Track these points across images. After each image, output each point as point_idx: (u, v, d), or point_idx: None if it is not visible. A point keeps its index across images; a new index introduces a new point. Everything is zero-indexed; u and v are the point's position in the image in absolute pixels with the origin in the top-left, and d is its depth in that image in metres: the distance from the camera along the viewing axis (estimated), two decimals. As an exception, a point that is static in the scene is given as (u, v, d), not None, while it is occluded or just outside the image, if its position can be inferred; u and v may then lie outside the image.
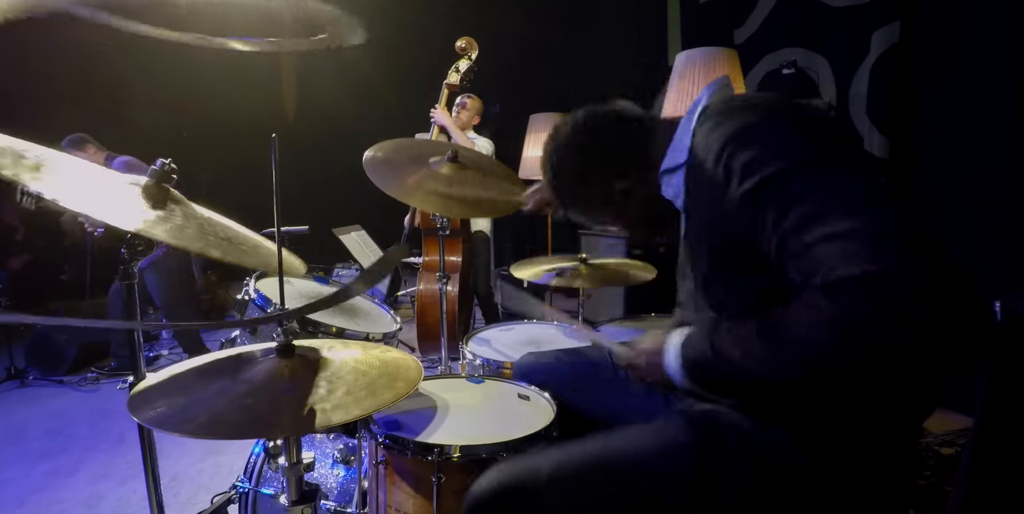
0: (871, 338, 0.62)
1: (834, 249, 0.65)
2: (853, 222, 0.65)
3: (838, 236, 0.65)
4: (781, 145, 0.73)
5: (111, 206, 0.82)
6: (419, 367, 0.90)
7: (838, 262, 0.64)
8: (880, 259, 0.62)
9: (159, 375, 0.84)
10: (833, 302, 0.64)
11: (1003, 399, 1.30)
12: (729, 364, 0.76)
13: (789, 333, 0.69)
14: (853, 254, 0.64)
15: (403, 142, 1.64)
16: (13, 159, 0.77)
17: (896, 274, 0.61)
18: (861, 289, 0.62)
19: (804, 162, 0.70)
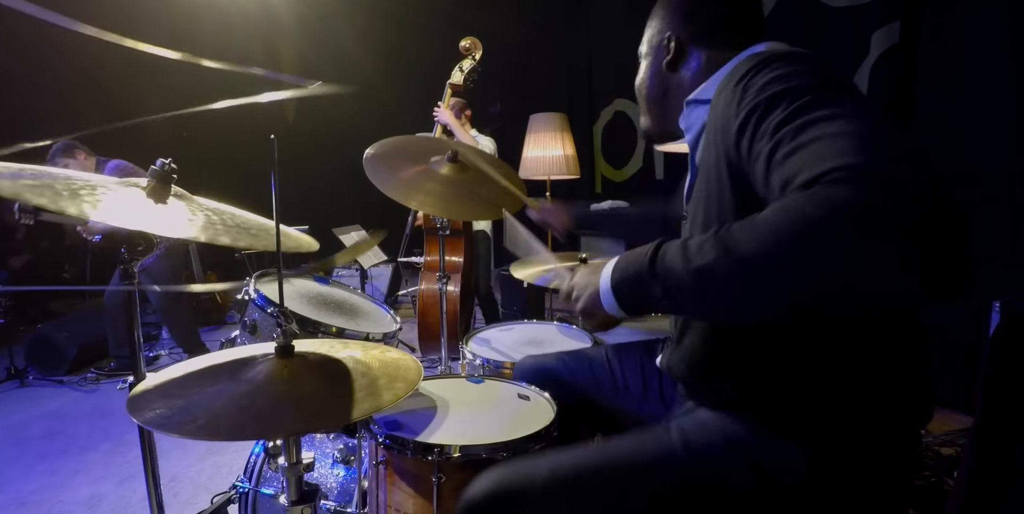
0: (848, 238, 0.55)
1: (824, 147, 0.61)
2: (856, 126, 0.61)
3: (836, 135, 0.61)
4: (803, 70, 0.72)
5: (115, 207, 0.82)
6: (419, 367, 0.90)
7: (827, 156, 0.59)
8: (881, 155, 0.58)
9: (158, 376, 0.84)
10: (806, 195, 0.57)
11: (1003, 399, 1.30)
12: (663, 276, 0.68)
13: (746, 232, 0.61)
14: (841, 149, 0.59)
15: (403, 140, 1.63)
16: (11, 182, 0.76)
17: (896, 172, 0.56)
18: (841, 179, 0.56)
19: (821, 85, 0.69)
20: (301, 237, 1.06)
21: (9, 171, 0.78)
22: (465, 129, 3.16)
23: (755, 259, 0.59)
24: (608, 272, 0.77)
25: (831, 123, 0.63)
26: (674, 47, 0.97)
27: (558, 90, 4.75)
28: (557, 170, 3.40)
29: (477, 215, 2.00)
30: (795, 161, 0.63)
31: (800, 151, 0.63)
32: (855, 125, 0.62)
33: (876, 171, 0.56)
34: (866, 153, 0.58)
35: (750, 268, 0.60)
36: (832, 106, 0.65)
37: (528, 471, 0.85)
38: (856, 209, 0.55)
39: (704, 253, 0.63)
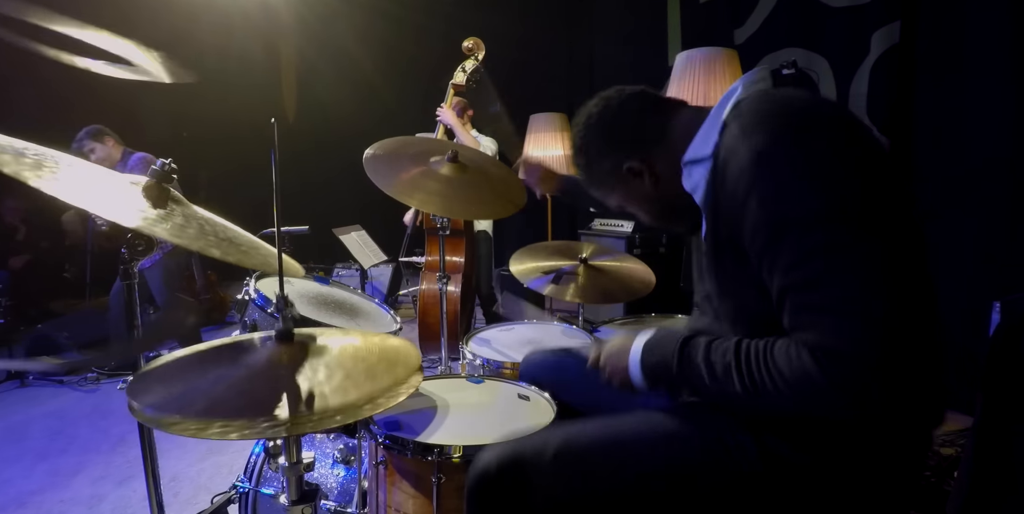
0: (831, 404, 0.71)
1: (829, 321, 0.70)
2: (856, 302, 0.69)
3: (837, 311, 0.69)
4: (813, 185, 0.71)
5: (114, 205, 0.83)
6: (418, 353, 0.90)
7: (829, 332, 0.70)
8: (861, 343, 0.68)
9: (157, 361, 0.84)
10: (811, 364, 0.70)
11: (1003, 399, 1.30)
12: (689, 379, 0.81)
13: (763, 374, 0.74)
14: (845, 330, 0.69)
15: (403, 140, 1.63)
16: (13, 157, 0.77)
17: (867, 362, 0.67)
18: (836, 363, 0.68)
19: (832, 218, 0.70)
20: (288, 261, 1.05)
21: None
22: (467, 129, 3.16)
23: (767, 396, 0.74)
24: (636, 360, 0.88)
25: (835, 285, 0.70)
26: (639, 166, 0.94)
27: (558, 90, 4.74)
28: (557, 170, 3.40)
29: (478, 214, 2.00)
30: (802, 320, 0.73)
31: (807, 313, 0.72)
32: (858, 296, 0.69)
33: (857, 362, 0.68)
34: (857, 341, 0.68)
35: (762, 400, 0.75)
36: (837, 256, 0.70)
37: (539, 442, 0.87)
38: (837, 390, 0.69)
39: (727, 379, 0.77)
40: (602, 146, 0.97)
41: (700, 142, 0.86)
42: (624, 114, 0.96)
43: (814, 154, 0.73)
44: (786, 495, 0.80)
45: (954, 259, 2.39)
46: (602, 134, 0.97)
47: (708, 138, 0.84)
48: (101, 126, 3.14)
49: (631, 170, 0.94)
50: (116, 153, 3.14)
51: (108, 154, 3.11)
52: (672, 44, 3.74)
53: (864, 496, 0.79)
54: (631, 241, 3.33)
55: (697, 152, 0.85)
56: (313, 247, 4.87)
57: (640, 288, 1.80)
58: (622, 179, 0.97)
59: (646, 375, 0.87)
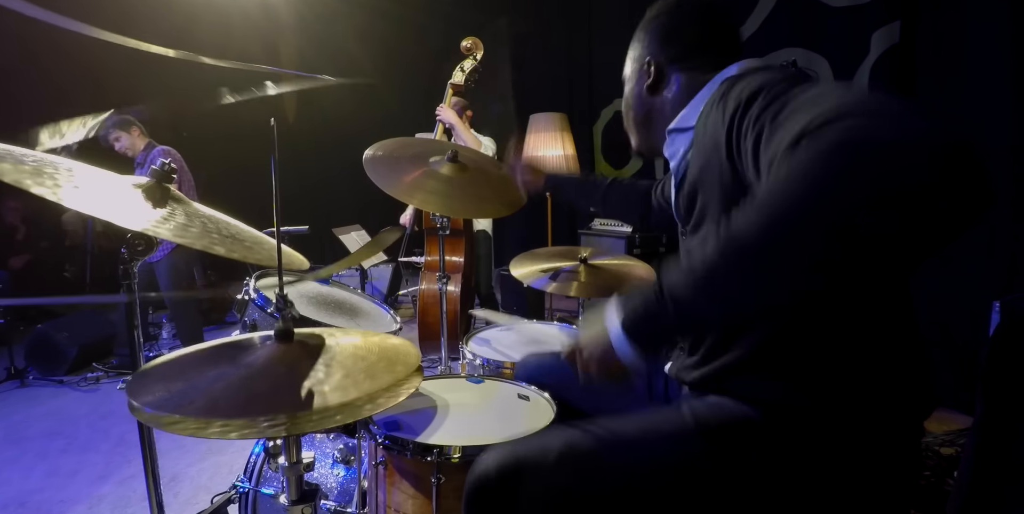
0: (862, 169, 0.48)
1: (831, 103, 0.55)
2: (839, 90, 0.59)
3: (816, 96, 0.60)
4: (780, 75, 0.74)
5: (116, 207, 0.83)
6: (417, 353, 0.90)
7: (831, 108, 0.53)
8: (874, 99, 0.53)
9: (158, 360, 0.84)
10: (810, 144, 0.52)
11: (1003, 399, 1.30)
12: (671, 292, 0.64)
13: (747, 211, 0.56)
14: (850, 102, 0.54)
15: (403, 141, 1.63)
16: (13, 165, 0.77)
17: (901, 111, 0.51)
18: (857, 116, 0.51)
19: (798, 81, 0.70)
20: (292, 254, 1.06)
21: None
22: (468, 128, 3.15)
23: (760, 228, 0.55)
24: (613, 315, 0.74)
25: (812, 92, 0.63)
26: (654, 71, 0.99)
27: (558, 90, 4.75)
28: (557, 170, 3.40)
29: (478, 213, 2.00)
30: (780, 134, 0.58)
31: (785, 123, 0.59)
32: (841, 90, 0.59)
33: (888, 112, 0.50)
34: (872, 101, 0.52)
35: (756, 239, 0.55)
36: (810, 89, 0.66)
37: (539, 446, 0.85)
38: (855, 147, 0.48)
39: (705, 247, 0.60)
40: (655, 33, 1.01)
41: (689, 112, 0.90)
42: (698, 27, 0.98)
43: (777, 71, 0.77)
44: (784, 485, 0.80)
45: (954, 259, 2.39)
46: (663, 24, 1.00)
47: (695, 109, 0.88)
48: (129, 116, 3.22)
49: (647, 67, 0.99)
50: (140, 143, 3.21)
51: (132, 143, 3.19)
52: (672, 44, 3.74)
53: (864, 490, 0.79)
54: (631, 241, 3.33)
55: (684, 122, 0.90)
56: (313, 247, 4.87)
57: (640, 283, 1.81)
58: (637, 69, 1.02)
59: (627, 327, 0.71)
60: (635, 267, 1.91)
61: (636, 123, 1.06)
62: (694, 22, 0.98)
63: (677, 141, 0.92)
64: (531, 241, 4.40)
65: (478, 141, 3.09)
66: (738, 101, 0.73)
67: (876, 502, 0.80)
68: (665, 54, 0.98)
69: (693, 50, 0.97)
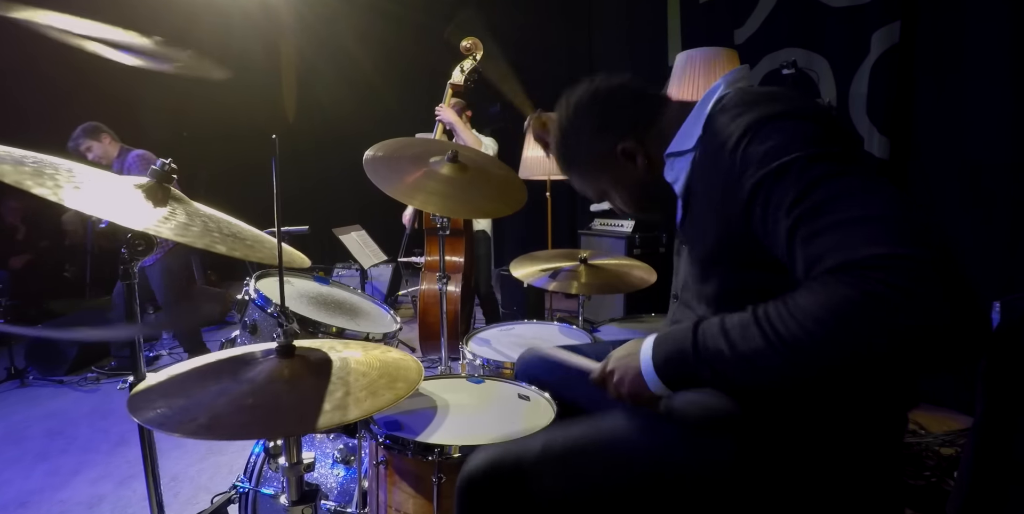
0: (884, 321, 0.59)
1: (852, 232, 0.63)
2: (873, 209, 0.63)
3: (857, 220, 0.63)
4: (805, 137, 0.72)
5: (116, 207, 0.83)
6: (419, 368, 0.90)
7: (856, 243, 0.62)
8: (902, 242, 0.60)
9: (159, 375, 0.84)
10: (846, 281, 0.60)
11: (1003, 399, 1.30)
12: (710, 360, 0.71)
13: (789, 319, 0.64)
14: (872, 236, 0.61)
15: (403, 141, 1.64)
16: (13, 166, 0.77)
17: (923, 260, 0.59)
18: (880, 268, 0.59)
19: (826, 154, 0.70)
20: (293, 253, 1.06)
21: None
22: (468, 127, 3.15)
23: (801, 345, 0.64)
24: (648, 356, 0.79)
25: (849, 203, 0.65)
26: (634, 148, 0.94)
27: (558, 91, 4.74)
28: (557, 170, 3.40)
29: (479, 213, 2.00)
30: (820, 244, 0.65)
31: (824, 235, 0.65)
32: (874, 206, 0.64)
33: (910, 259, 0.59)
34: (897, 241, 0.61)
35: (800, 353, 0.64)
36: (843, 182, 0.67)
37: (524, 445, 0.87)
38: (894, 298, 0.58)
39: (750, 339, 0.68)
40: (596, 126, 0.97)
41: (684, 135, 0.88)
42: (619, 96, 0.97)
43: (800, 124, 0.74)
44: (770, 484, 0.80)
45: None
46: (596, 114, 0.97)
47: (692, 131, 0.87)
48: (97, 123, 3.11)
49: (625, 151, 0.95)
50: (113, 150, 3.12)
51: (105, 152, 3.09)
52: (672, 44, 3.74)
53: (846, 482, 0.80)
54: (631, 241, 3.33)
55: (680, 145, 0.89)
56: (313, 247, 4.87)
57: (639, 282, 1.82)
58: (612, 161, 0.97)
59: (659, 369, 0.78)
60: (634, 265, 1.91)
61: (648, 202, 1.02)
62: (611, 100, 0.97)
63: (677, 165, 0.90)
64: (531, 241, 4.40)
65: (479, 140, 3.09)
66: (761, 171, 0.72)
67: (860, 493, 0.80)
68: (624, 137, 0.95)
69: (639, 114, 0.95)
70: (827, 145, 0.71)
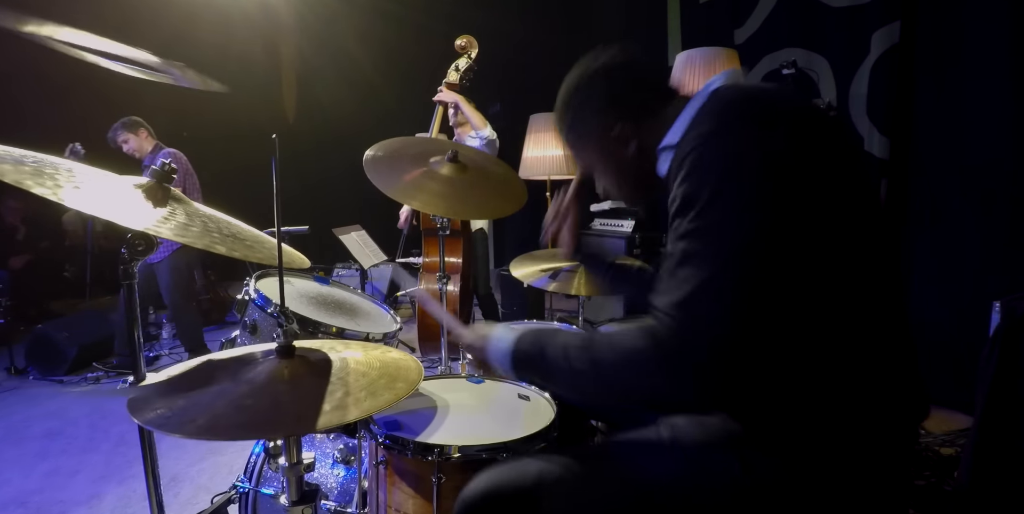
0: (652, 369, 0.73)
1: (674, 283, 0.73)
2: (707, 272, 0.71)
3: (685, 278, 0.72)
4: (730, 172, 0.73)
5: (117, 207, 0.83)
6: (419, 368, 0.90)
7: (666, 292, 0.73)
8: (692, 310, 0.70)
9: (159, 376, 0.84)
10: (642, 334, 0.74)
11: (1003, 399, 1.30)
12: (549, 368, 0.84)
13: (609, 352, 0.77)
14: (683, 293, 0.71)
15: (403, 141, 1.63)
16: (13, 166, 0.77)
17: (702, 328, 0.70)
18: (662, 323, 0.72)
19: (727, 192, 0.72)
20: (293, 253, 1.06)
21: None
22: (460, 132, 3.12)
23: (604, 377, 0.78)
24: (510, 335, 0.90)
25: (696, 261, 0.72)
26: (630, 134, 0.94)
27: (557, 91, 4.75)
28: (557, 170, 3.40)
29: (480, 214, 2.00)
30: (658, 286, 0.76)
31: (663, 280, 0.75)
32: (710, 272, 0.71)
33: (685, 326, 0.71)
34: (690, 306, 0.71)
35: (602, 382, 0.80)
36: (712, 237, 0.72)
37: (523, 470, 0.86)
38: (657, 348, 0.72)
39: (578, 360, 0.80)
40: (603, 100, 0.95)
41: (676, 130, 0.87)
42: (637, 76, 0.95)
43: (744, 145, 0.74)
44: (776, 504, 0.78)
45: (954, 259, 2.39)
46: (607, 88, 0.95)
47: (682, 127, 0.85)
48: (137, 118, 3.26)
49: (620, 134, 0.94)
50: (148, 145, 3.25)
51: (140, 146, 3.23)
52: (672, 44, 3.74)
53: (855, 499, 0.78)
54: (631, 241, 3.33)
55: (672, 139, 0.87)
56: (313, 247, 4.86)
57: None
58: (605, 140, 0.96)
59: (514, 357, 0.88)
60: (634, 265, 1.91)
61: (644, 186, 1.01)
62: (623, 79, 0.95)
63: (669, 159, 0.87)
64: (531, 241, 4.40)
65: (484, 119, 3.02)
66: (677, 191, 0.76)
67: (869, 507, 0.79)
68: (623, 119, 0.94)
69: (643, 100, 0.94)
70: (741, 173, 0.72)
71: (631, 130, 0.93)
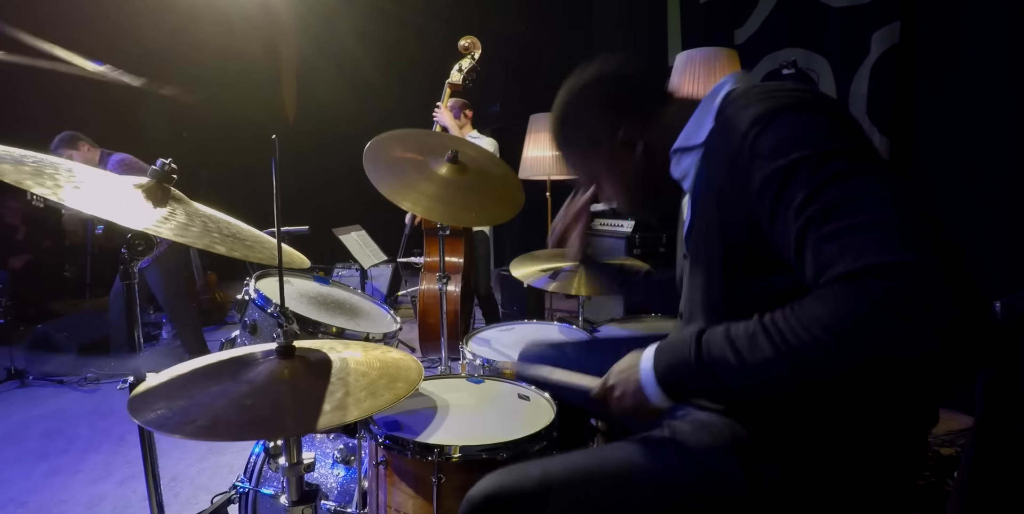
0: (895, 331, 0.57)
1: (861, 238, 0.61)
2: (884, 214, 0.61)
3: (867, 226, 0.61)
4: (819, 132, 0.70)
5: (116, 206, 0.83)
6: (419, 368, 0.90)
7: (865, 250, 0.60)
8: (910, 250, 0.58)
9: (159, 377, 0.84)
10: (856, 290, 0.59)
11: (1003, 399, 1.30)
12: (714, 369, 0.69)
13: (798, 328, 0.62)
14: (882, 244, 0.59)
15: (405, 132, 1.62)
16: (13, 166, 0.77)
17: (933, 268, 0.57)
18: (889, 276, 0.57)
19: (839, 151, 0.67)
20: (293, 253, 1.06)
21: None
22: (463, 132, 3.15)
23: (811, 354, 0.62)
24: (649, 367, 0.78)
25: (860, 207, 0.63)
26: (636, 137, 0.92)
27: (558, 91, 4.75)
28: (557, 170, 3.40)
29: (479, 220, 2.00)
30: (831, 250, 0.63)
31: (835, 240, 0.63)
32: (884, 211, 0.62)
33: (921, 268, 0.57)
34: (908, 249, 0.59)
35: (808, 362, 0.62)
36: (856, 183, 0.65)
37: (526, 474, 0.85)
38: (901, 306, 0.57)
39: (757, 348, 0.66)
40: (602, 106, 0.94)
41: (691, 130, 0.86)
42: (632, 81, 0.94)
43: (814, 117, 0.72)
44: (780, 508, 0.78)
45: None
46: (605, 93, 0.94)
47: (700, 126, 0.84)
48: (74, 132, 3.11)
49: (625, 138, 0.92)
50: (94, 156, 3.11)
51: (86, 159, 3.06)
52: (672, 44, 3.74)
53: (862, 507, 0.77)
54: (631, 241, 3.33)
55: (688, 140, 0.86)
56: (313, 247, 4.86)
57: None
58: (610, 146, 0.94)
59: (661, 379, 0.76)
60: (634, 265, 1.91)
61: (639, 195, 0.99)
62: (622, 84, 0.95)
63: (685, 160, 0.87)
64: (531, 242, 4.40)
65: None
66: (773, 164, 0.69)
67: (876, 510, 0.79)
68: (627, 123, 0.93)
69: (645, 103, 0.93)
70: (841, 141, 0.68)
71: (637, 132, 0.92)
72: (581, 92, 0.97)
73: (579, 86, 0.97)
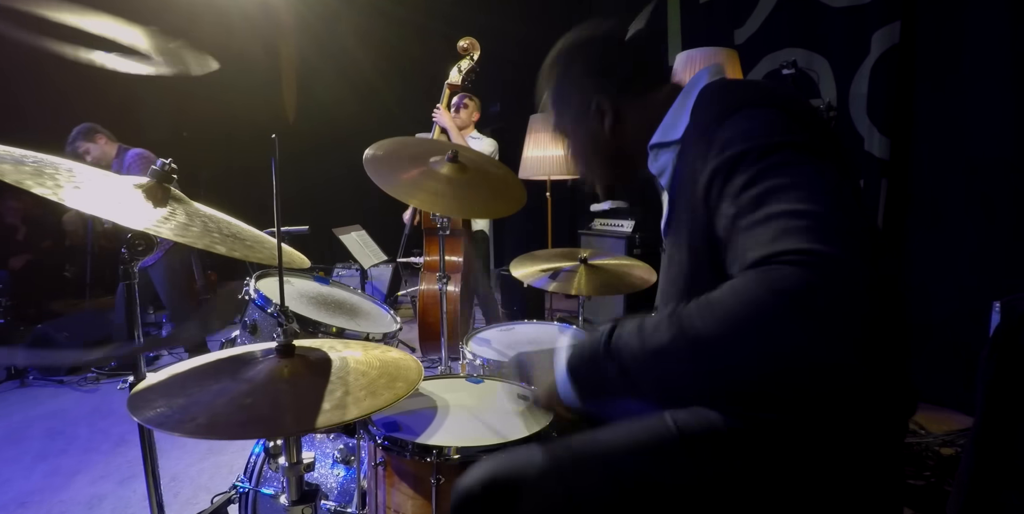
0: (790, 317, 0.56)
1: (788, 224, 0.60)
2: (815, 205, 0.61)
3: (787, 214, 0.61)
4: (769, 125, 0.72)
5: (117, 206, 0.83)
6: (419, 367, 0.90)
7: (777, 238, 0.59)
8: (833, 242, 0.57)
9: (159, 375, 0.84)
10: (760, 275, 0.58)
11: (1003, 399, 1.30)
12: (618, 355, 0.69)
13: (698, 314, 0.62)
14: (794, 231, 0.59)
15: (403, 140, 1.63)
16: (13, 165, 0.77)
17: (843, 260, 0.56)
18: (801, 264, 0.56)
19: (786, 143, 0.69)
20: (293, 253, 1.07)
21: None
22: (460, 134, 3.16)
23: (706, 339, 0.62)
24: (563, 357, 0.80)
25: (788, 196, 0.63)
26: (609, 108, 0.94)
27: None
28: (557, 170, 3.40)
29: (480, 214, 2.00)
30: (752, 235, 0.63)
31: (757, 227, 0.63)
32: (812, 203, 0.62)
33: (826, 259, 0.57)
34: (819, 239, 0.58)
35: (702, 347, 0.62)
36: (792, 173, 0.65)
37: (523, 459, 0.84)
38: (801, 295, 0.56)
39: (659, 333, 0.66)
40: (588, 68, 0.96)
41: (668, 126, 0.88)
42: (629, 53, 0.95)
43: (767, 110, 0.74)
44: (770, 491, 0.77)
45: (954, 259, 2.39)
46: (598, 57, 0.96)
47: (677, 123, 0.86)
48: (92, 124, 3.10)
49: (599, 106, 0.94)
50: (111, 150, 3.10)
51: (103, 153, 3.08)
52: (672, 44, 3.74)
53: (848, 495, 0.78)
54: (631, 241, 3.33)
55: (666, 135, 0.88)
56: (313, 247, 4.87)
57: (639, 282, 1.81)
58: (583, 109, 0.96)
59: (570, 369, 0.78)
60: (634, 266, 1.91)
61: (607, 163, 1.02)
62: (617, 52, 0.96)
63: (663, 157, 0.89)
64: (531, 242, 4.40)
65: (467, 145, 3.10)
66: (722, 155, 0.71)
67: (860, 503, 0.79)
68: (607, 91, 0.94)
69: (635, 74, 0.95)
70: (789, 135, 0.70)
71: (610, 103, 0.94)
72: (573, 50, 0.99)
73: (574, 44, 0.99)
